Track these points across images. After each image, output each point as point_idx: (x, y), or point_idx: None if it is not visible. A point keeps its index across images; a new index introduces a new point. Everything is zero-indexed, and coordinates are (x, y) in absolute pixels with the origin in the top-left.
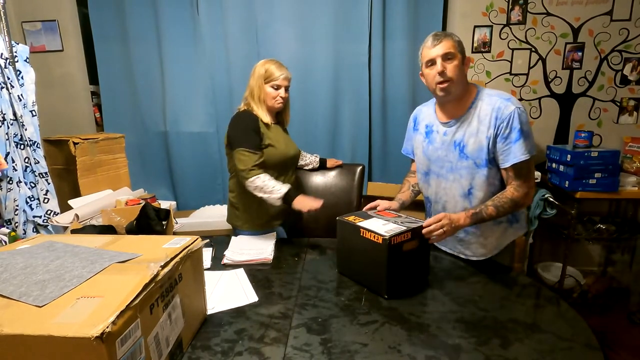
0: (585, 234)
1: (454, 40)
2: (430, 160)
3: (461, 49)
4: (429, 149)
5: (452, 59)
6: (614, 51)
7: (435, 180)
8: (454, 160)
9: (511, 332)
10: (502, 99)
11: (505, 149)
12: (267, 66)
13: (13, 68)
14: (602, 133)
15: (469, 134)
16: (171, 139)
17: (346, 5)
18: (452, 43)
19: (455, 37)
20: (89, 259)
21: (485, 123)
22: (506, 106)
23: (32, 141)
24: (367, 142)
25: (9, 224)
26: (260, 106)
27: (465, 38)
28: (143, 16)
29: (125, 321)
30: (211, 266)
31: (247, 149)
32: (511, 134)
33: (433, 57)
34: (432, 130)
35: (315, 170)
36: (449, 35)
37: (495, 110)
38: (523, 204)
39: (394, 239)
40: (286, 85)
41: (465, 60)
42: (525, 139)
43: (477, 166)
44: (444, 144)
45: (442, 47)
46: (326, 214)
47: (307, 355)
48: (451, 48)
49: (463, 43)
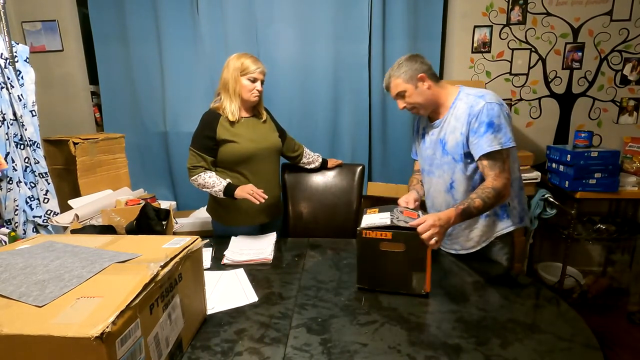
0: (585, 234)
1: (397, 77)
2: (423, 159)
3: (407, 78)
4: (422, 148)
5: (404, 94)
6: (614, 51)
7: (427, 178)
8: (439, 157)
9: (511, 332)
10: (476, 96)
11: (475, 142)
12: (243, 59)
13: (13, 68)
14: (602, 133)
15: (449, 131)
16: (171, 139)
17: (346, 5)
18: (396, 82)
19: (397, 72)
20: (89, 259)
21: (460, 120)
22: (477, 102)
23: (32, 141)
24: (367, 142)
25: (9, 224)
26: (235, 99)
27: (465, 38)
28: (143, 16)
29: (125, 321)
30: (211, 266)
31: (194, 149)
32: (479, 128)
33: (393, 98)
34: (425, 131)
35: (315, 170)
36: (392, 77)
37: (468, 108)
38: (505, 195)
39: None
40: (262, 78)
41: (418, 80)
42: (494, 132)
43: (456, 161)
44: (431, 143)
45: (392, 92)
46: (326, 213)
47: (307, 355)
48: (398, 87)
49: (414, 69)
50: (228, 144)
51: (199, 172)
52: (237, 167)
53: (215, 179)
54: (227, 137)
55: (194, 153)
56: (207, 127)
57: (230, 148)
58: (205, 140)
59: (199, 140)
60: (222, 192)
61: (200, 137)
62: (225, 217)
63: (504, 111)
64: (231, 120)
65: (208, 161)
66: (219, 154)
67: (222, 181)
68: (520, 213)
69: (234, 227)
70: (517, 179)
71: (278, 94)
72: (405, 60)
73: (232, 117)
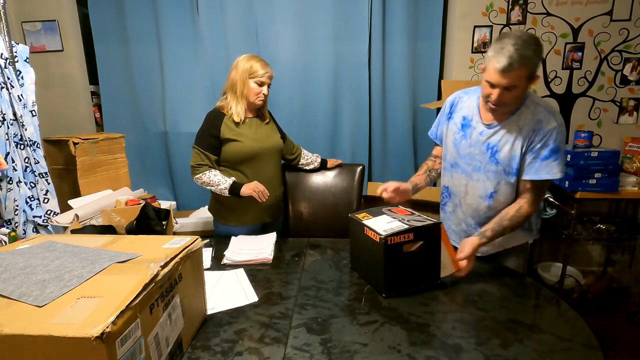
0: (585, 234)
1: (528, 67)
2: (459, 154)
3: (531, 73)
4: (461, 143)
5: (514, 89)
6: (614, 51)
7: (459, 175)
8: (484, 161)
9: (511, 332)
10: (547, 111)
11: (531, 162)
12: (252, 62)
13: (13, 68)
14: (602, 133)
15: (505, 140)
16: (171, 139)
17: (346, 5)
18: (522, 74)
19: (531, 62)
20: (89, 259)
21: (523, 133)
22: (548, 121)
23: (32, 141)
24: (367, 142)
25: (9, 224)
26: (241, 101)
27: (465, 38)
28: (143, 16)
29: (125, 321)
30: (211, 266)
31: (198, 148)
32: (542, 150)
33: (495, 82)
34: (470, 125)
35: (315, 170)
36: (524, 63)
37: (536, 122)
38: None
39: (391, 239)
40: (269, 83)
41: (532, 79)
42: (555, 159)
43: (507, 174)
44: (477, 142)
45: (508, 78)
46: (326, 213)
47: (307, 355)
48: (517, 80)
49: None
50: (231, 143)
51: (203, 170)
52: (239, 166)
53: (220, 177)
54: (230, 136)
55: (198, 151)
56: (211, 126)
57: (234, 147)
58: (209, 138)
59: (203, 138)
60: (227, 190)
61: (204, 136)
62: (227, 217)
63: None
64: (236, 120)
65: (212, 160)
66: (222, 153)
67: (227, 179)
68: (536, 225)
69: (236, 226)
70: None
71: (278, 94)
72: (538, 48)
73: (237, 117)
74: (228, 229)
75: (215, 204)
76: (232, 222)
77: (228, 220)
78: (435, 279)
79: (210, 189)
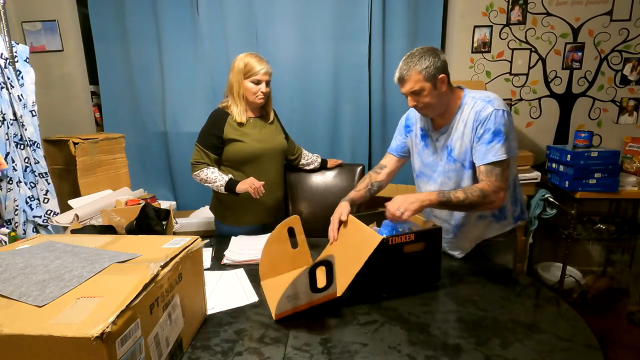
0: (585, 234)
1: (418, 73)
2: (423, 163)
3: (429, 75)
4: (423, 152)
5: (420, 93)
6: (614, 51)
7: (425, 183)
8: (444, 163)
9: (511, 332)
10: (484, 101)
11: (478, 149)
12: (246, 60)
13: (13, 68)
14: (602, 133)
15: (456, 138)
16: (171, 139)
17: (346, 5)
18: (416, 78)
19: (419, 66)
20: (89, 259)
21: (468, 126)
22: (484, 108)
23: (32, 141)
24: (367, 142)
25: (9, 224)
26: (239, 102)
27: (465, 38)
28: (143, 16)
29: (125, 321)
30: (211, 266)
31: (199, 146)
32: (485, 135)
33: (402, 92)
34: (427, 135)
35: (315, 170)
36: (412, 68)
37: (475, 113)
38: (492, 201)
39: (392, 239)
40: (267, 79)
41: (438, 81)
42: (499, 141)
43: (464, 168)
44: (437, 149)
45: (406, 86)
46: (326, 213)
47: (307, 355)
48: (416, 84)
49: (433, 66)
50: (235, 143)
51: (201, 167)
52: (242, 166)
53: (217, 175)
54: (234, 136)
55: (199, 149)
56: (215, 125)
57: (237, 147)
58: (211, 138)
59: (205, 137)
60: (223, 187)
61: (207, 135)
62: (228, 217)
63: (510, 118)
64: (239, 121)
65: (212, 158)
66: (225, 152)
67: (224, 177)
68: (514, 213)
69: (237, 227)
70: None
71: (278, 93)
72: (427, 54)
73: (239, 119)
74: (229, 229)
75: (216, 204)
76: (233, 222)
77: (229, 220)
78: (435, 280)
79: (207, 185)
